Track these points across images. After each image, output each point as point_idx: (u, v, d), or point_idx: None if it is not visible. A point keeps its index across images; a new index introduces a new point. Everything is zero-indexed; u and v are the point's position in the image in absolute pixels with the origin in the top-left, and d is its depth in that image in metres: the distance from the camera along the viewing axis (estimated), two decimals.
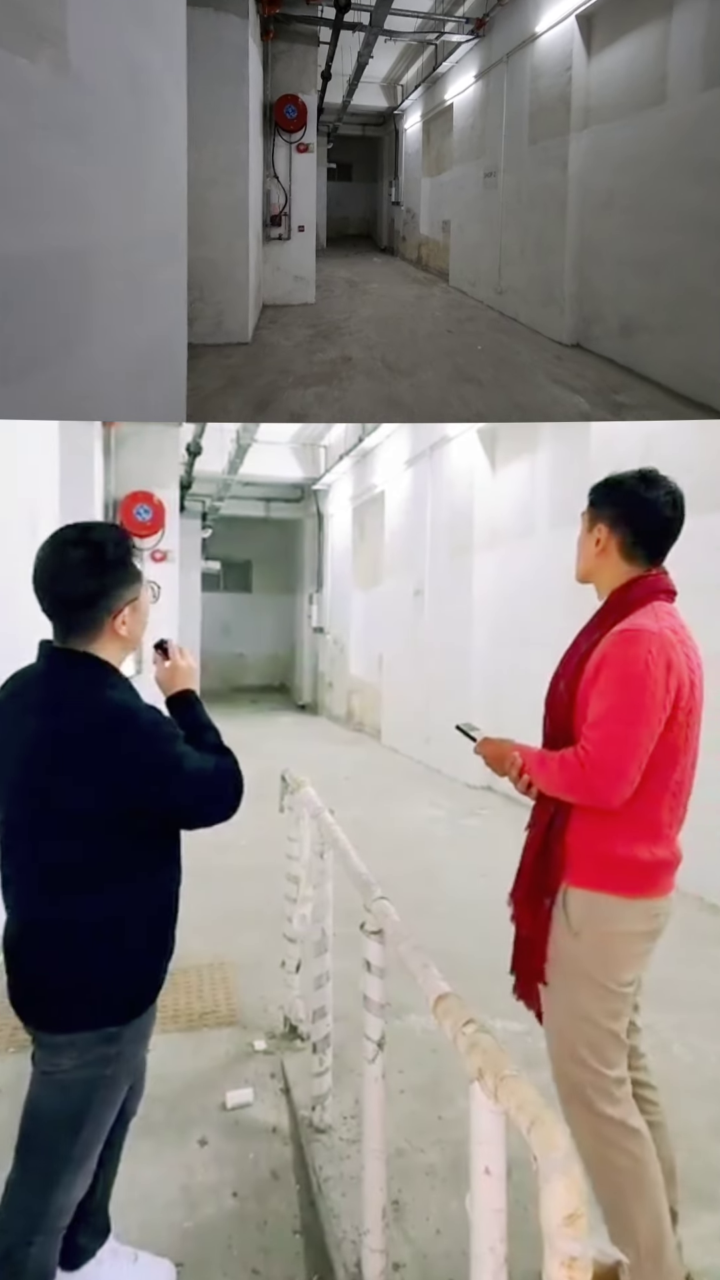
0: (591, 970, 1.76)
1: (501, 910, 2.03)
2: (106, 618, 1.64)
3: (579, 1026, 1.77)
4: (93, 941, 1.61)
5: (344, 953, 2.59)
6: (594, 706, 1.75)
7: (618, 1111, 1.74)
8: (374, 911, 1.89)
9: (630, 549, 1.85)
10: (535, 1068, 2.82)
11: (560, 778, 1.77)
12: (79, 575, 1.62)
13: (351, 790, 7.72)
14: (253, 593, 19.16)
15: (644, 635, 1.73)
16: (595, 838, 1.77)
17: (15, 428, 4.17)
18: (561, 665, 1.91)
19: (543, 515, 7.20)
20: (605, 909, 1.76)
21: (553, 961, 1.82)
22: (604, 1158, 1.73)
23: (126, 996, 1.67)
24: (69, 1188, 1.67)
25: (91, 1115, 1.66)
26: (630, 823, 1.75)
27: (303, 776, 3.17)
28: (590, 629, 1.88)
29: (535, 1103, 1.06)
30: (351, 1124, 2.53)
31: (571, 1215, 0.94)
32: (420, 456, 9.54)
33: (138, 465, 8.60)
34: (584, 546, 1.93)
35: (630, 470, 1.90)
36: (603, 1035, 1.76)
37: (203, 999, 3.50)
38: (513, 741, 1.91)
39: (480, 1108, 1.19)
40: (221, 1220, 2.29)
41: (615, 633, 1.77)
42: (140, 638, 1.72)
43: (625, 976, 1.77)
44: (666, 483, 1.86)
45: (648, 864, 1.76)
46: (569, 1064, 1.78)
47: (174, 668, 1.82)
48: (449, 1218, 2.17)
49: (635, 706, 1.70)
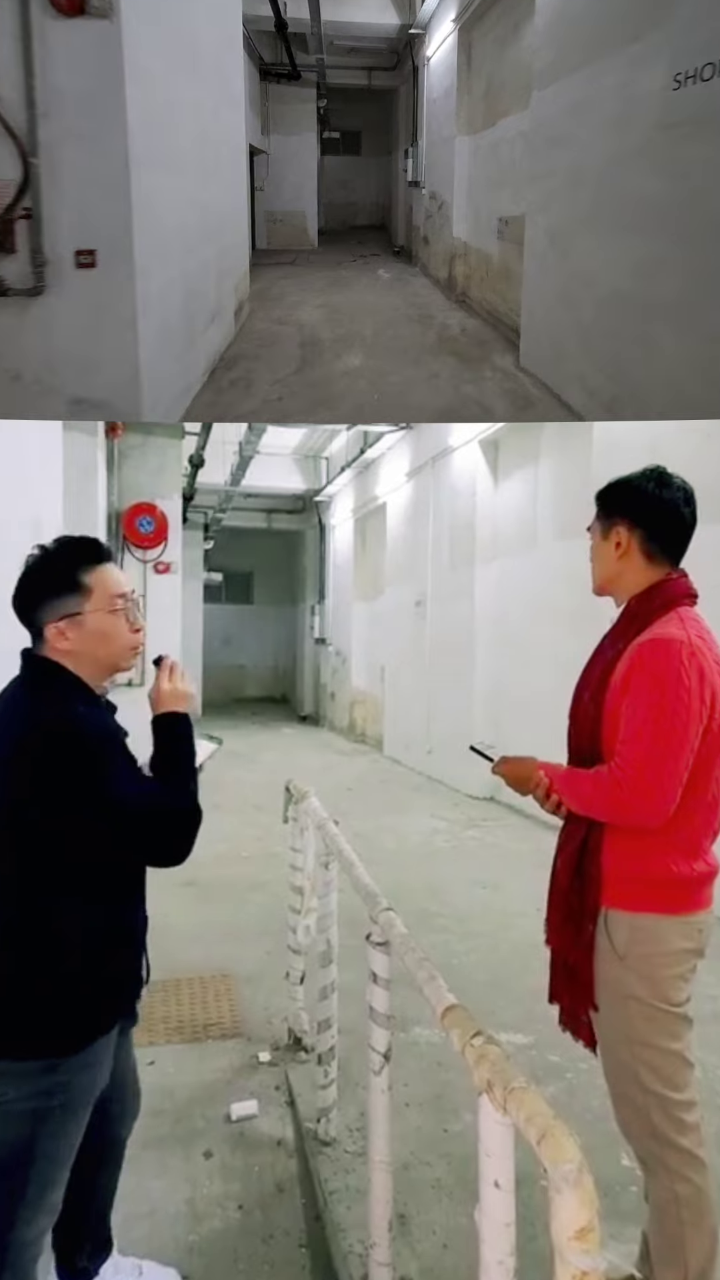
0: (641, 994, 1.68)
1: (505, 922, 2.02)
2: (43, 627, 1.62)
3: (637, 1051, 1.69)
4: (19, 964, 1.55)
5: (348, 964, 2.58)
6: (627, 721, 1.67)
7: (686, 1141, 1.67)
8: (380, 923, 1.88)
9: (652, 549, 1.79)
10: (542, 1083, 2.84)
11: (596, 798, 1.69)
12: (19, 583, 1.64)
13: (353, 802, 7.70)
14: (254, 604, 19.19)
15: (674, 644, 1.66)
16: (633, 856, 1.70)
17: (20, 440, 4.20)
18: (585, 677, 1.84)
19: (545, 526, 7.21)
20: (649, 930, 1.69)
21: (600, 987, 1.74)
22: (665, 1185, 1.68)
23: (65, 1026, 1.58)
24: (28, 1223, 1.59)
25: (41, 1149, 1.56)
26: (667, 838, 1.68)
27: (307, 787, 3.16)
28: (614, 637, 1.81)
29: (545, 1114, 1.06)
30: (357, 1136, 2.52)
31: (584, 1229, 0.93)
32: (422, 467, 9.55)
33: (141, 477, 8.61)
34: (601, 554, 1.85)
35: (637, 471, 1.85)
36: (664, 1057, 1.68)
37: (207, 1010, 3.49)
38: (535, 760, 1.83)
39: (489, 1120, 1.18)
40: (227, 1233, 2.28)
41: (643, 642, 1.70)
42: (98, 652, 1.64)
43: (677, 997, 1.70)
44: (678, 479, 1.82)
45: (688, 879, 1.69)
46: (632, 1089, 1.71)
47: (157, 687, 1.71)
48: (456, 1232, 2.15)
49: (671, 720, 1.62)
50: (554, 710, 2.06)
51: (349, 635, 13.19)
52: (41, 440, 4.64)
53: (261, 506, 15.49)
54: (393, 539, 10.87)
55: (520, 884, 4.95)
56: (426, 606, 9.42)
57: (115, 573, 1.69)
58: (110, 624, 1.64)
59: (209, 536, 14.84)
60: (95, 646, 1.63)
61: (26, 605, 1.63)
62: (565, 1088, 2.82)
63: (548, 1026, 2.00)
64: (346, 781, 8.93)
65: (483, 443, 8.10)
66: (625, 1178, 2.26)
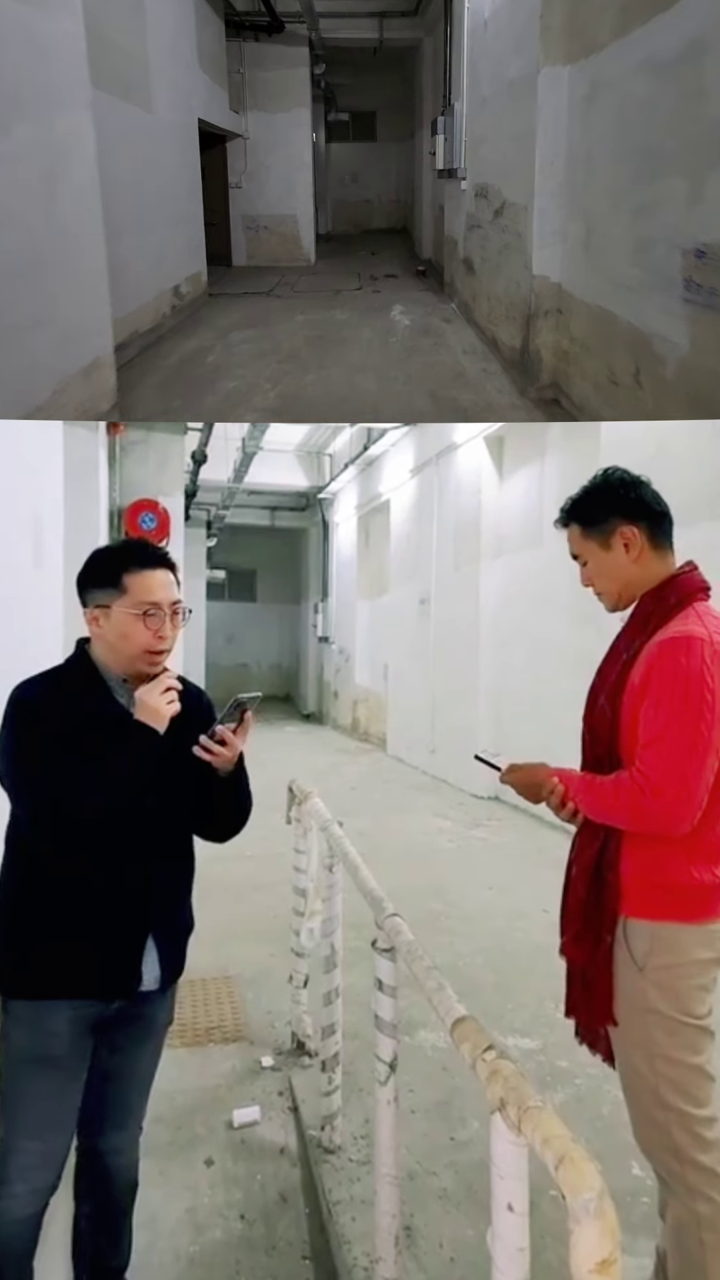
0: (661, 1006, 1.63)
1: (511, 924, 1.97)
2: (85, 613, 1.76)
3: (657, 1066, 1.63)
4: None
5: (352, 966, 2.53)
6: (647, 723, 1.61)
7: (708, 1158, 1.61)
8: (386, 929, 1.83)
9: (657, 542, 1.76)
10: (551, 1089, 2.79)
11: (618, 806, 1.63)
12: (83, 566, 1.80)
13: (357, 801, 7.65)
14: (257, 602, 19.13)
15: (695, 642, 1.60)
16: (653, 864, 1.64)
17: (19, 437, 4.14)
18: (600, 677, 1.78)
19: (551, 523, 7.14)
20: (670, 939, 1.63)
21: (619, 1000, 1.69)
22: (686, 1204, 1.63)
23: (6, 969, 1.71)
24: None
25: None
26: (689, 845, 1.63)
27: (310, 787, 3.11)
28: (629, 635, 1.75)
29: (562, 1137, 1.00)
30: (362, 1144, 2.47)
31: (604, 1261, 0.88)
32: (426, 464, 9.49)
33: (142, 474, 8.56)
34: (610, 565, 1.78)
35: (592, 479, 1.84)
36: (685, 1072, 1.62)
37: (209, 1014, 3.45)
38: (546, 766, 1.76)
39: (502, 1140, 1.13)
40: (228, 1245, 2.23)
41: (662, 641, 1.64)
42: (119, 648, 1.72)
43: (699, 1009, 1.64)
44: (632, 475, 1.81)
45: (709, 886, 1.64)
46: (652, 1105, 1.65)
47: (141, 695, 1.71)
48: (463, 1244, 2.10)
49: (696, 722, 1.56)
50: (559, 709, 2.02)
51: (352, 633, 13.15)
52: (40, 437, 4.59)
53: (264, 504, 15.44)
54: (396, 536, 10.82)
55: (526, 885, 4.90)
56: (430, 604, 9.37)
57: (156, 580, 1.74)
58: (131, 625, 1.70)
59: (212, 534, 14.78)
60: (116, 641, 1.72)
61: (80, 587, 1.77)
62: (574, 1094, 2.77)
63: (556, 1030, 1.96)
64: (350, 781, 8.88)
65: (487, 439, 8.04)
66: (636, 1188, 2.21)
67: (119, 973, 1.73)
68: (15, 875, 1.72)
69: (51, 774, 1.61)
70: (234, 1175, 2.49)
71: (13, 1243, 1.71)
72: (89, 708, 1.70)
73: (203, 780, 1.76)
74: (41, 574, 3.88)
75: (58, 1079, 1.71)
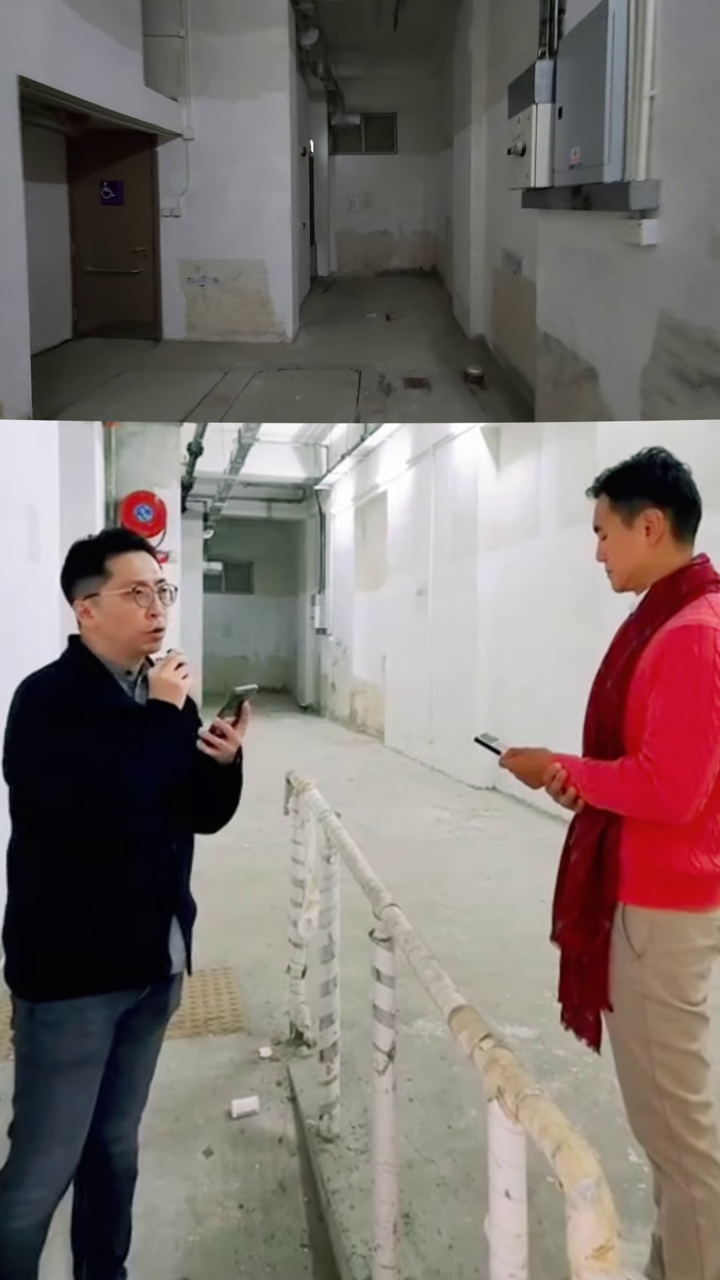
0: (657, 993, 1.63)
1: (509, 913, 1.97)
2: (73, 605, 1.77)
3: (653, 1052, 1.63)
4: (14, 910, 1.73)
5: (350, 956, 2.54)
6: (655, 710, 1.60)
7: (703, 1144, 1.62)
8: (384, 919, 1.83)
9: (682, 530, 1.74)
10: (548, 1077, 2.80)
11: (622, 792, 1.62)
12: (64, 563, 1.81)
13: (355, 792, 7.67)
14: (255, 594, 19.13)
15: (708, 631, 1.60)
16: (654, 851, 1.64)
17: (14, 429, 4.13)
18: (607, 664, 1.78)
19: (548, 514, 7.14)
20: (669, 926, 1.64)
21: (615, 986, 1.69)
22: (681, 1190, 1.63)
23: (32, 973, 1.69)
24: (9, 1186, 1.68)
25: (19, 1086, 1.69)
26: (691, 832, 1.63)
27: (308, 779, 3.11)
28: (639, 623, 1.74)
29: (560, 1124, 1.00)
30: (360, 1133, 2.48)
31: (602, 1248, 0.88)
32: (423, 455, 9.48)
33: (139, 466, 8.53)
34: (627, 545, 1.76)
35: (641, 452, 1.78)
36: (681, 1058, 1.63)
37: (207, 1005, 3.45)
38: (547, 751, 1.75)
39: (499, 1128, 1.13)
40: (227, 1234, 2.24)
41: (674, 629, 1.63)
42: (116, 633, 1.73)
43: (695, 996, 1.65)
44: (675, 458, 1.77)
45: (710, 874, 1.64)
46: (647, 1091, 1.65)
47: (155, 676, 1.76)
48: (461, 1232, 2.11)
49: (707, 711, 1.56)
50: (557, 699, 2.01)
51: (350, 625, 13.14)
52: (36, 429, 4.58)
53: (261, 495, 15.40)
54: (394, 528, 10.81)
55: (524, 874, 4.91)
56: (428, 596, 9.37)
57: (138, 561, 1.76)
58: (124, 607, 1.72)
59: (208, 526, 14.74)
60: (112, 627, 1.73)
61: (65, 584, 1.78)
62: (572, 1082, 2.78)
63: (553, 1019, 1.96)
64: (348, 772, 8.89)
65: (484, 430, 8.03)
66: (633, 1174, 2.23)
67: (152, 956, 1.74)
68: (35, 877, 1.68)
69: (86, 766, 1.59)
70: (233, 1165, 2.50)
71: (31, 1244, 1.70)
72: (103, 698, 1.70)
73: (200, 771, 1.76)
74: (38, 566, 3.88)
75: (86, 1080, 1.71)
